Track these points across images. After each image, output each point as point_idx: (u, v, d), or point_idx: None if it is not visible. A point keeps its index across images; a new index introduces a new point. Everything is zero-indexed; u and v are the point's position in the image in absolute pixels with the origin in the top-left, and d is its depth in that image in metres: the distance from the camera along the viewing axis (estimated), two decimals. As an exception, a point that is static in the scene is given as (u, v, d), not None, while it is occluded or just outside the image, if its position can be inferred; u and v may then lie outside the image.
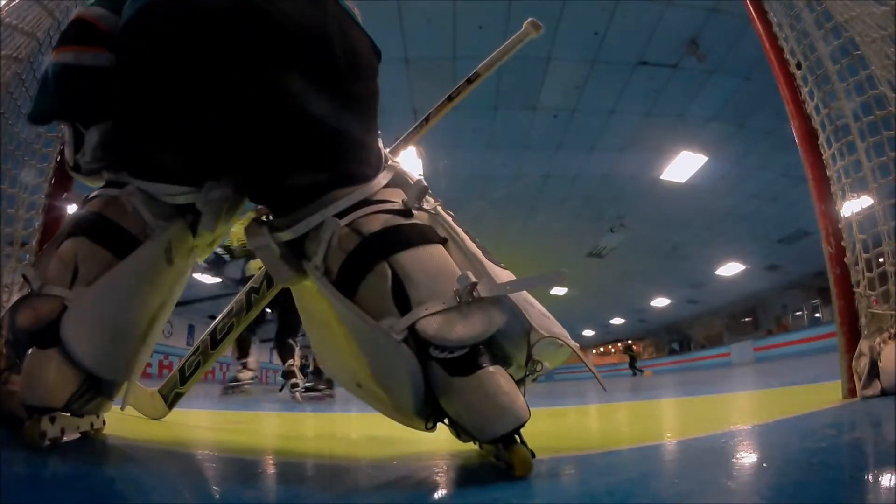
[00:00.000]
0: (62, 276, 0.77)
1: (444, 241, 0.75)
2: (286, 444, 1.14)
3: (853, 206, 1.30)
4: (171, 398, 1.34)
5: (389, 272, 0.68)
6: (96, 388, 0.83)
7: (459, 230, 0.78)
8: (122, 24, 0.81)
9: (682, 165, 7.81)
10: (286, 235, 0.77)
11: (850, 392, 1.25)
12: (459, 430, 0.70)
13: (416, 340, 0.64)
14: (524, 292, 0.72)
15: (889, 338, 1.17)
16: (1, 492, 0.52)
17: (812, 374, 3.27)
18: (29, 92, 1.26)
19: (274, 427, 1.60)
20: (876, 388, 1.18)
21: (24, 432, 0.72)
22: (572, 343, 0.73)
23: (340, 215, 0.73)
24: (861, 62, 1.25)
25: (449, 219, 0.79)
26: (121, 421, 1.02)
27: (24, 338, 0.75)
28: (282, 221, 0.78)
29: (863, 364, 1.21)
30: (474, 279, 0.66)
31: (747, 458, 0.70)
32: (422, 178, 0.82)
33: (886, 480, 0.51)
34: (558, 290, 15.64)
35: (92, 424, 0.92)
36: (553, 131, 6.93)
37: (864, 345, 1.22)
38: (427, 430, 0.72)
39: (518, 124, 6.58)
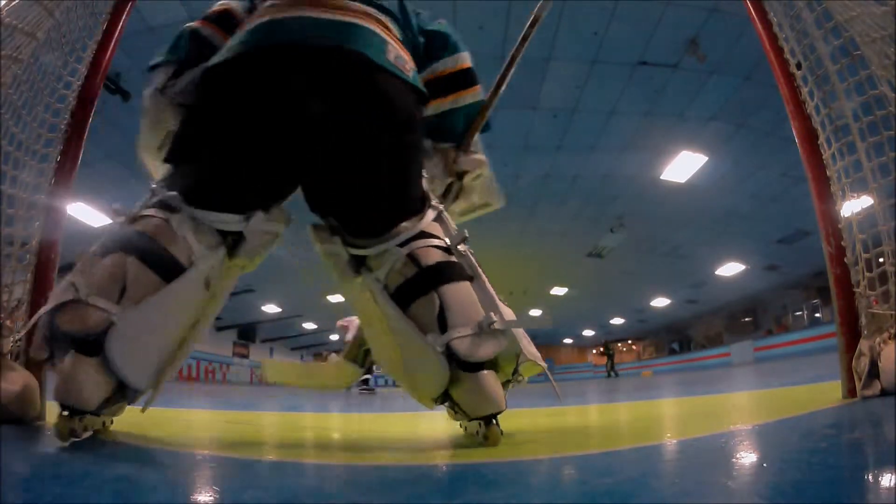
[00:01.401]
0: (111, 290, 0.83)
1: (470, 279, 0.99)
2: (286, 444, 1.14)
3: (853, 206, 1.30)
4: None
5: (438, 301, 0.92)
6: (123, 394, 0.89)
7: (480, 271, 1.01)
8: (218, 63, 0.96)
9: (682, 165, 7.80)
10: (358, 251, 1.00)
11: (850, 392, 1.25)
12: (457, 410, 0.96)
13: (448, 352, 0.89)
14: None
15: (889, 338, 1.17)
16: (1, 491, 0.52)
17: (812, 374, 3.27)
18: (29, 92, 1.26)
19: (274, 427, 1.60)
20: (876, 388, 1.18)
21: (55, 428, 0.80)
22: (542, 364, 1.01)
23: (401, 244, 0.97)
24: (861, 62, 1.24)
25: (473, 260, 1.02)
26: (121, 421, 1.02)
27: (66, 340, 0.81)
28: (357, 241, 1.01)
29: (863, 364, 1.20)
30: (494, 318, 0.91)
31: (747, 458, 0.70)
32: (462, 230, 1.06)
33: (886, 480, 0.51)
34: (558, 290, 15.65)
35: (104, 423, 0.99)
36: (553, 131, 6.92)
37: (864, 345, 1.22)
38: (434, 406, 0.97)
39: (518, 124, 6.57)
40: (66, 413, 0.80)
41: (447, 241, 1.01)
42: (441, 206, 1.06)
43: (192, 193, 0.93)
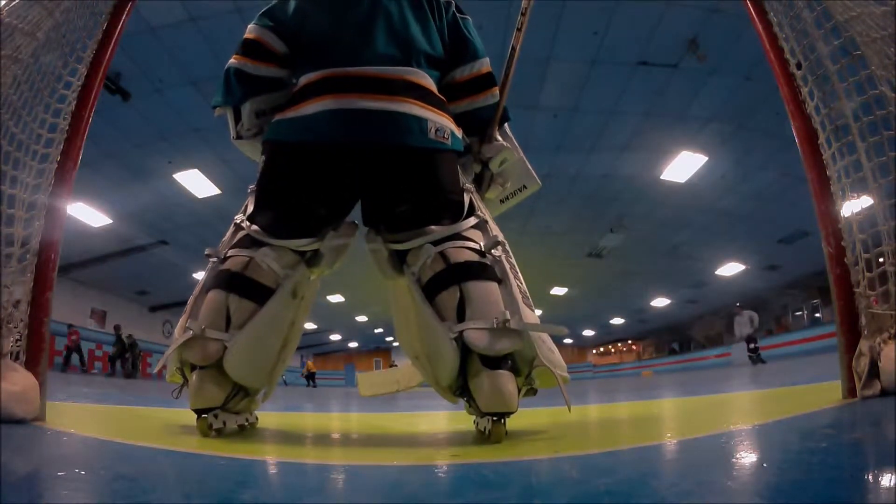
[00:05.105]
0: (218, 322, 1.06)
1: (499, 281, 1.05)
2: (286, 445, 1.14)
3: (853, 206, 1.30)
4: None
5: (458, 294, 1.02)
6: (245, 392, 1.14)
7: (511, 276, 1.07)
8: (287, 142, 1.14)
9: (682, 165, 7.80)
10: (397, 246, 1.14)
11: (850, 392, 1.25)
12: (472, 404, 1.04)
13: (462, 341, 0.97)
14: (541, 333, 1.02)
15: (889, 338, 1.17)
16: (1, 491, 0.52)
17: (812, 374, 3.27)
18: (29, 92, 1.26)
19: (274, 427, 1.60)
20: (876, 388, 1.17)
21: (197, 427, 1.03)
22: (558, 374, 1.01)
23: (436, 243, 1.08)
24: (861, 62, 1.24)
25: (507, 266, 1.08)
26: (121, 422, 1.02)
27: (193, 366, 1.06)
28: (395, 237, 1.14)
29: (863, 364, 1.20)
30: (509, 317, 0.97)
31: (747, 458, 0.70)
32: (499, 235, 1.16)
33: (886, 480, 0.51)
34: (558, 290, 15.63)
35: (247, 419, 1.21)
36: (553, 131, 6.92)
37: (864, 345, 1.22)
38: (454, 400, 1.10)
39: (518, 124, 6.54)
40: (203, 416, 1.03)
41: (482, 245, 1.11)
42: (485, 216, 1.18)
43: (272, 228, 1.15)
